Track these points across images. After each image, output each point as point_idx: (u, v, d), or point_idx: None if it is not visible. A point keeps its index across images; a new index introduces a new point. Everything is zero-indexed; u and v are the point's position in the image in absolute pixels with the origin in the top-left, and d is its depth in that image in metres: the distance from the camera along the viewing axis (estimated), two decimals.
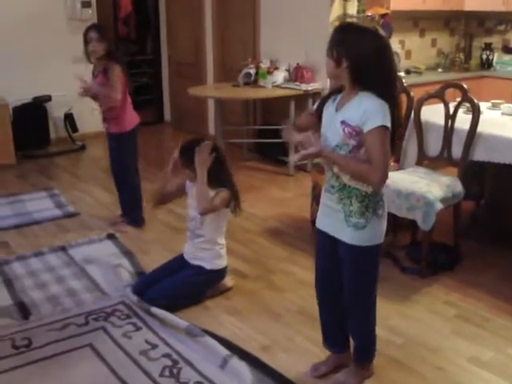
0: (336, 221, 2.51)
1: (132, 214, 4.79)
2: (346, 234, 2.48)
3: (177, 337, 3.12)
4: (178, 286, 3.46)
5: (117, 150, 4.61)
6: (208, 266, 3.52)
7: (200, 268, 3.52)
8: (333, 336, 2.84)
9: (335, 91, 2.52)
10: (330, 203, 2.53)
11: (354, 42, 2.32)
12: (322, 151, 2.39)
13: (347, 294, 2.63)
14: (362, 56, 2.30)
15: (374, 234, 2.50)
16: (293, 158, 2.51)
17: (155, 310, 3.32)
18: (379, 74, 2.33)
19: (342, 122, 2.37)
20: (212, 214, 3.44)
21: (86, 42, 4.36)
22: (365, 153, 2.36)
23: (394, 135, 2.39)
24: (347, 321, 2.74)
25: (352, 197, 2.44)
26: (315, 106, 2.63)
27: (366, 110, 2.30)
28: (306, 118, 2.74)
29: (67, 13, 7.31)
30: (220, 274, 3.60)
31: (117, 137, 4.55)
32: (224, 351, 2.94)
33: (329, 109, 2.49)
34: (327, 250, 2.64)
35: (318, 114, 2.56)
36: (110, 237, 4.51)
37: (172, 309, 3.36)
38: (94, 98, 4.50)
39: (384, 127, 2.29)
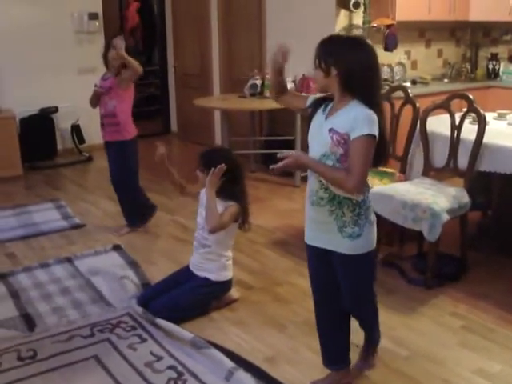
0: (329, 234, 2.50)
1: (130, 215, 4.84)
2: (343, 245, 2.48)
3: (182, 349, 3.11)
4: (184, 298, 3.45)
5: (119, 159, 4.65)
6: (213, 277, 3.51)
7: (206, 279, 3.51)
8: (334, 351, 2.80)
9: (328, 98, 2.52)
10: (319, 217, 2.51)
11: (341, 49, 2.37)
12: (299, 159, 2.41)
13: (349, 300, 2.64)
14: (351, 62, 2.33)
15: (369, 240, 2.51)
16: (273, 166, 2.51)
17: (160, 321, 3.32)
18: (367, 79, 2.36)
19: (331, 130, 2.37)
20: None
21: (109, 47, 4.45)
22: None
23: (382, 144, 2.40)
24: (348, 336, 2.77)
25: (343, 207, 2.43)
26: (309, 102, 2.63)
27: (355, 118, 2.31)
28: (298, 98, 2.81)
29: (74, 25, 7.37)
30: (226, 285, 3.59)
31: (117, 145, 4.59)
32: (229, 363, 2.92)
33: (318, 117, 2.50)
34: (321, 264, 2.64)
35: (310, 112, 2.58)
36: (116, 248, 4.51)
37: (177, 320, 3.35)
38: (97, 100, 4.60)
39: (370, 136, 2.30)
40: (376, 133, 2.32)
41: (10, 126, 6.56)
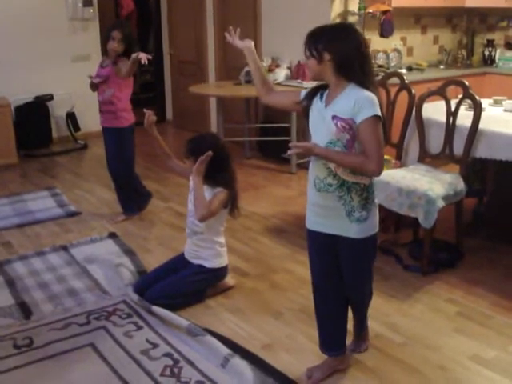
0: (336, 219, 2.51)
1: (126, 202, 4.85)
2: (351, 229, 2.50)
3: (178, 336, 3.11)
4: (179, 285, 3.46)
5: (115, 146, 4.65)
6: (208, 264, 3.52)
7: (201, 267, 3.51)
8: (331, 337, 2.81)
9: (322, 86, 2.52)
10: (326, 202, 2.51)
11: (332, 34, 2.40)
12: (314, 148, 2.40)
13: (351, 283, 2.68)
14: (343, 45, 2.36)
15: (374, 222, 2.56)
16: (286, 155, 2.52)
17: (156, 309, 3.32)
18: (360, 62, 2.37)
19: (334, 117, 2.37)
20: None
21: (108, 38, 4.44)
22: (359, 144, 2.37)
23: (383, 126, 2.42)
24: (345, 321, 2.78)
25: (352, 192, 2.46)
26: (302, 96, 2.61)
27: (357, 101, 2.32)
28: (285, 98, 2.78)
29: (68, 12, 7.32)
30: (221, 272, 3.59)
31: (114, 132, 4.59)
32: (225, 350, 2.93)
33: (317, 105, 2.50)
34: (325, 250, 2.64)
35: (305, 104, 2.57)
36: (112, 236, 4.51)
37: (173, 308, 3.36)
38: (96, 86, 4.59)
39: (377, 117, 2.32)
40: (380, 113, 2.34)
41: (5, 114, 6.53)
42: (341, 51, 2.36)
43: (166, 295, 3.41)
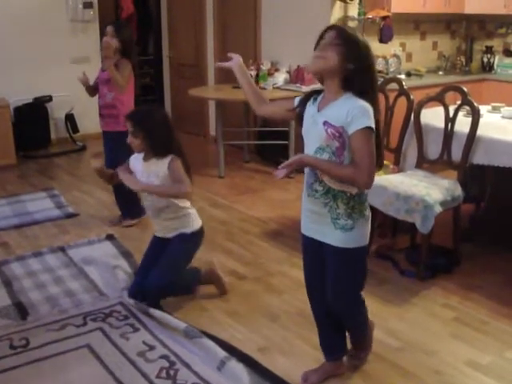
0: (322, 225, 2.50)
1: (127, 207, 4.80)
2: (334, 236, 2.47)
3: (174, 338, 3.11)
4: (172, 261, 3.39)
5: (113, 149, 4.60)
6: (188, 230, 3.43)
7: (182, 235, 3.42)
8: (328, 342, 2.82)
9: (315, 92, 2.50)
10: (314, 208, 2.50)
11: (362, 47, 2.33)
12: (302, 159, 2.40)
13: (331, 294, 2.60)
14: (364, 59, 2.32)
15: (361, 235, 2.49)
16: (277, 174, 2.47)
17: (154, 311, 3.32)
18: (372, 77, 2.36)
19: (325, 123, 2.35)
20: (166, 181, 3.32)
21: (105, 35, 4.47)
22: (349, 152, 2.35)
23: (377, 139, 2.38)
24: (344, 329, 2.77)
25: (337, 199, 2.43)
26: (296, 102, 2.57)
27: (350, 111, 2.28)
28: (278, 107, 2.75)
29: (69, 13, 7.33)
30: (202, 233, 3.53)
31: (115, 136, 4.55)
32: (222, 353, 2.93)
33: (310, 110, 2.47)
34: (315, 256, 2.62)
35: (298, 111, 2.54)
36: (110, 238, 4.51)
37: (175, 289, 3.40)
38: (92, 91, 4.61)
39: (370, 128, 2.28)
40: (373, 125, 2.30)
41: (4, 115, 6.53)
42: (362, 65, 2.31)
43: (164, 277, 3.32)
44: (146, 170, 3.39)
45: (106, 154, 4.74)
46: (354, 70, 2.30)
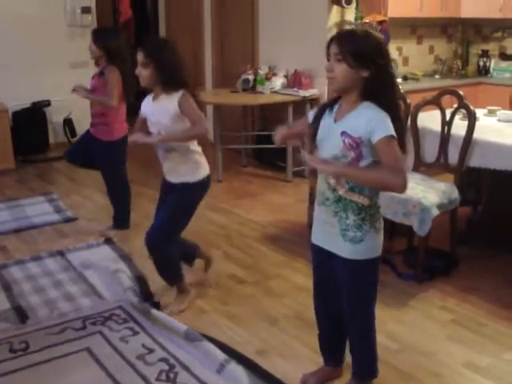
0: (332, 235, 2.45)
1: (117, 216, 4.80)
2: (344, 248, 2.42)
3: (174, 341, 3.13)
4: (167, 216, 3.39)
5: (104, 159, 4.59)
6: (192, 179, 3.39)
7: (185, 184, 3.40)
8: (328, 348, 2.82)
9: (332, 101, 2.43)
10: (325, 217, 2.45)
11: (378, 50, 2.25)
12: (342, 171, 2.28)
13: (345, 307, 2.58)
14: (383, 67, 2.25)
15: (371, 247, 2.43)
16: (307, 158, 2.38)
17: (155, 312, 3.35)
18: (393, 84, 2.30)
19: (343, 133, 2.28)
20: (176, 121, 3.27)
21: None
22: (364, 163, 2.29)
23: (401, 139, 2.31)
24: (345, 335, 2.72)
25: (348, 210, 2.37)
26: (311, 118, 2.51)
27: (369, 121, 2.22)
28: (301, 126, 2.66)
29: (67, 18, 7.34)
30: (207, 183, 3.51)
31: (105, 144, 4.53)
32: (222, 356, 2.95)
33: (326, 120, 2.41)
34: (324, 265, 2.58)
35: (315, 125, 2.45)
36: (108, 242, 4.52)
37: (171, 251, 3.42)
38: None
39: (392, 136, 2.21)
40: (394, 133, 2.22)
41: (3, 120, 6.53)
42: (382, 73, 2.24)
43: (165, 226, 3.37)
44: (155, 109, 3.32)
45: (96, 163, 4.69)
46: (370, 77, 2.24)
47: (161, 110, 3.28)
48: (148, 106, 3.39)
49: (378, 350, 2.74)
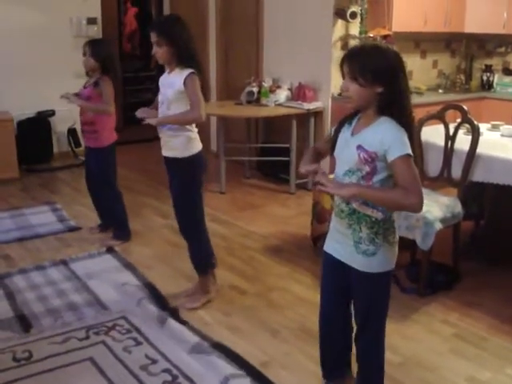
0: (346, 246, 2.45)
1: (117, 229, 4.82)
2: (357, 261, 2.42)
3: (177, 352, 3.13)
4: (178, 205, 3.60)
5: (95, 165, 4.65)
6: (180, 154, 3.47)
7: (176, 161, 3.49)
8: (330, 359, 2.78)
9: (352, 114, 2.43)
10: (340, 228, 2.47)
11: (391, 66, 2.25)
12: (355, 194, 2.26)
13: (357, 320, 2.58)
14: (398, 82, 2.25)
15: (384, 260, 2.42)
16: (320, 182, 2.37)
17: (170, 321, 3.40)
18: (407, 99, 2.29)
19: (359, 147, 2.29)
20: (178, 97, 3.39)
21: (84, 54, 4.51)
22: (378, 180, 2.30)
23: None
24: (350, 348, 2.72)
25: (361, 223, 2.38)
26: (332, 131, 2.53)
27: (386, 138, 2.22)
28: (325, 143, 2.65)
29: (73, 29, 7.39)
30: (198, 160, 3.53)
31: (95, 152, 4.60)
32: (228, 370, 2.94)
33: (344, 133, 2.42)
34: (336, 275, 2.57)
35: (334, 138, 2.47)
36: (110, 251, 4.54)
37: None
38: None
39: (409, 155, 2.22)
40: (411, 152, 2.23)
41: (8, 129, 6.57)
42: (395, 88, 2.24)
43: (184, 219, 3.62)
44: (165, 81, 3.48)
45: (91, 169, 4.75)
46: (384, 92, 2.24)
47: (169, 83, 3.44)
48: (162, 78, 3.56)
49: None
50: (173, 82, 3.40)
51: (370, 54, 2.26)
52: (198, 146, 3.54)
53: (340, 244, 2.49)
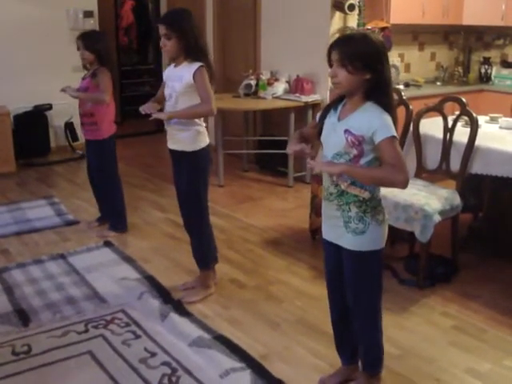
0: (336, 228, 2.53)
1: (115, 220, 4.82)
2: (347, 239, 2.50)
3: (176, 345, 3.13)
4: (187, 200, 3.64)
5: (95, 158, 4.67)
6: (188, 148, 3.48)
7: (183, 153, 3.50)
8: (342, 343, 2.82)
9: (336, 101, 2.51)
10: (330, 211, 2.54)
11: (377, 53, 2.32)
12: (344, 171, 2.36)
13: (349, 299, 2.63)
14: (384, 70, 2.32)
15: (373, 239, 2.50)
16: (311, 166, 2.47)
17: (173, 315, 3.40)
18: (391, 86, 2.38)
19: (346, 131, 2.37)
20: (188, 90, 3.39)
21: (78, 49, 4.53)
22: (366, 162, 2.37)
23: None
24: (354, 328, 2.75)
25: (350, 203, 2.45)
26: (317, 118, 2.60)
27: (372, 122, 2.31)
28: (311, 128, 2.73)
29: (69, 22, 7.36)
30: (205, 154, 3.57)
31: (94, 144, 4.61)
32: (228, 364, 2.95)
33: (330, 118, 2.49)
34: (334, 259, 2.63)
35: (320, 124, 2.55)
36: (108, 244, 4.53)
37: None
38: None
39: (394, 137, 2.31)
40: (396, 134, 2.32)
41: (4, 123, 6.55)
42: (381, 74, 2.32)
43: (191, 213, 3.67)
44: (173, 74, 3.45)
45: (88, 163, 4.79)
46: (372, 79, 2.31)
47: (177, 76, 3.41)
48: (168, 71, 3.53)
49: None
50: (181, 76, 3.38)
51: (359, 41, 2.33)
52: (205, 140, 3.56)
53: (332, 227, 2.56)
